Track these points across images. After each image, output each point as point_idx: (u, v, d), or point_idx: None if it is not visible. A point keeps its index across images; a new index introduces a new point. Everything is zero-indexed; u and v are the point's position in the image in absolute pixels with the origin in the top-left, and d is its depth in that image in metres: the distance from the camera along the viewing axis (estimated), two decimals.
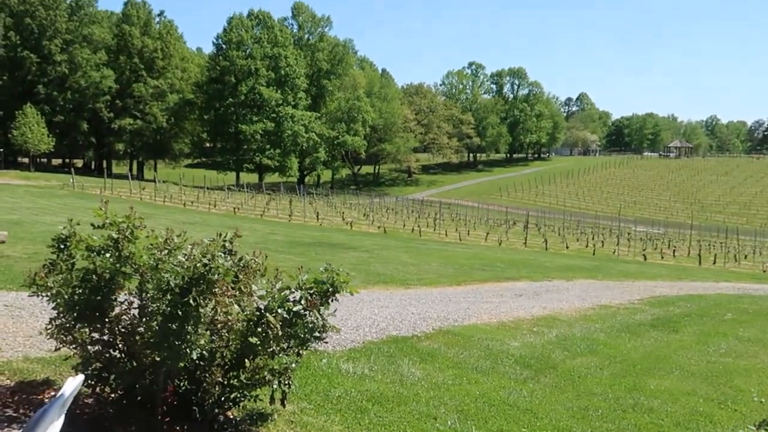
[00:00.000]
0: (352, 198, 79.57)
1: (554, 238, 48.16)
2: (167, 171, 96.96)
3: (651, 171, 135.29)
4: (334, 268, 4.05)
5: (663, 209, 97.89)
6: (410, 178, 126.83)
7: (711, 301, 16.95)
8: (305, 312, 3.85)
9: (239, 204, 50.13)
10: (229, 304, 3.85)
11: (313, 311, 3.87)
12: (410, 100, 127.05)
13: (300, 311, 3.84)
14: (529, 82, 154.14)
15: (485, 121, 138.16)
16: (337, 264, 14.49)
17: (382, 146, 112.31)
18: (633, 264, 32.62)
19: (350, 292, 4.07)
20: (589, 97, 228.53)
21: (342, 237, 31.84)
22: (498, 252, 32.23)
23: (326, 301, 3.98)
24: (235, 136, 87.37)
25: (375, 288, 14.31)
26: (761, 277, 31.03)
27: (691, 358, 9.89)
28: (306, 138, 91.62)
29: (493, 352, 8.61)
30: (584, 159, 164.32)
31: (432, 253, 26.26)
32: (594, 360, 9.01)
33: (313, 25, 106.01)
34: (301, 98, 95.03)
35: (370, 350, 7.83)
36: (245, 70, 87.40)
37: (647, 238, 55.72)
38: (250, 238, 25.27)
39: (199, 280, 3.67)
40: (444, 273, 18.76)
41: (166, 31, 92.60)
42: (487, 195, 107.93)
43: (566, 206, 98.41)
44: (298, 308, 3.84)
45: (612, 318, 12.97)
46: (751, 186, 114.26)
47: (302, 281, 4.03)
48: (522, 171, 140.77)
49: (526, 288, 16.84)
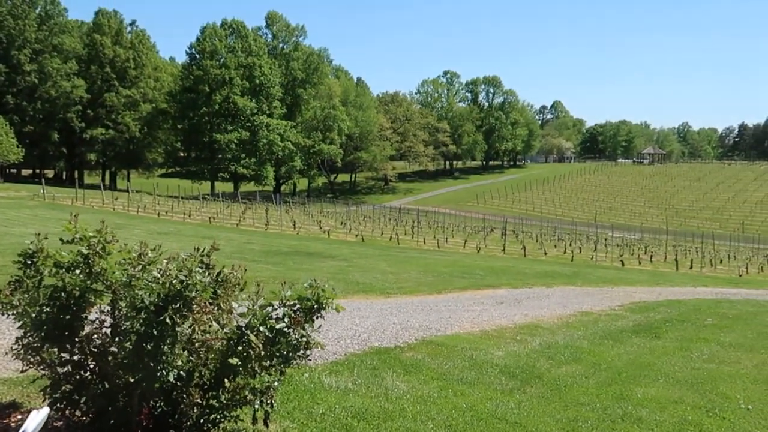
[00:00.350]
0: (329, 206, 79.28)
1: (532, 244, 48.27)
2: (141, 181, 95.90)
3: (625, 177, 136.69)
4: (319, 283, 3.85)
5: (638, 215, 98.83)
6: (387, 186, 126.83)
7: (691, 306, 16.95)
8: (289, 330, 3.64)
9: (215, 213, 49.61)
10: (207, 322, 3.64)
11: (298, 329, 3.65)
12: (386, 109, 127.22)
13: (283, 329, 3.62)
14: (503, 90, 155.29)
15: (461, 129, 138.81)
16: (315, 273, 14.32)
17: (359, 154, 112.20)
18: (611, 270, 32.72)
19: (336, 309, 3.86)
20: (563, 105, 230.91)
21: (320, 246, 31.57)
22: (477, 259, 32.15)
23: (311, 318, 3.77)
24: (210, 145, 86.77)
25: (355, 297, 14.11)
26: (738, 281, 31.27)
27: (675, 364, 9.80)
28: (282, 147, 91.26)
29: (477, 362, 8.44)
30: (559, 166, 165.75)
31: (411, 261, 26.10)
32: (579, 368, 8.88)
33: (287, 34, 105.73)
34: (276, 107, 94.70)
35: (353, 363, 7.62)
36: (219, 80, 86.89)
37: (624, 243, 56.10)
38: (226, 248, 24.92)
39: (176, 297, 3.45)
40: (424, 281, 18.59)
41: (138, 40, 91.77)
42: (464, 202, 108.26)
43: (543, 213, 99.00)
44: (281, 326, 3.62)
45: (594, 325, 12.88)
46: (724, 191, 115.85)
47: (285, 297, 3.81)
48: (498, 178, 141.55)
49: (506, 295, 16.72)
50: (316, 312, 3.78)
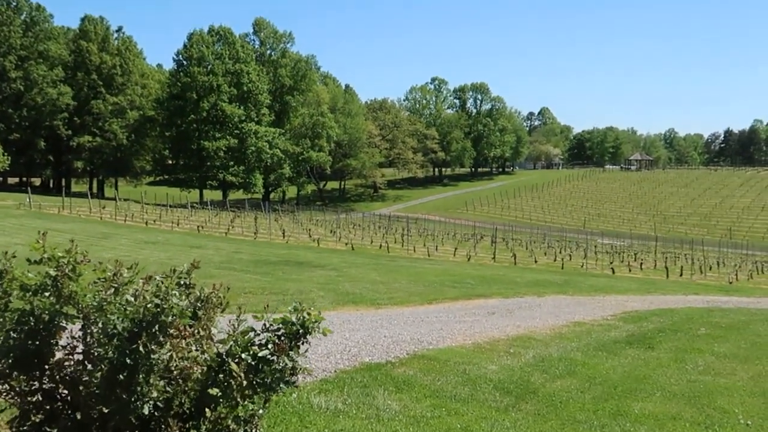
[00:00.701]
0: (318, 214, 78.99)
1: (522, 252, 48.16)
2: (128, 189, 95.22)
3: (613, 183, 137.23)
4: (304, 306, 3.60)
5: (626, 221, 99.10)
6: (376, 193, 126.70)
7: (683, 316, 16.79)
8: (273, 357, 3.39)
9: (203, 222, 49.23)
10: (186, 347, 3.38)
11: (282, 356, 3.40)
12: (374, 116, 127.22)
13: (267, 356, 3.37)
14: (491, 97, 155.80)
15: (449, 135, 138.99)
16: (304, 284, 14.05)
17: (348, 162, 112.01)
18: (602, 278, 32.62)
19: (323, 332, 3.61)
20: (550, 112, 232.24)
21: (309, 255, 31.30)
22: (467, 268, 31.97)
23: (296, 344, 3.51)
24: (198, 152, 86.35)
25: (344, 309, 13.88)
26: (728, 288, 31.23)
27: (670, 377, 9.61)
28: (270, 154, 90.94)
29: (470, 378, 8.21)
30: (548, 172, 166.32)
31: (401, 270, 25.89)
32: (574, 382, 8.67)
33: (275, 40, 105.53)
34: (265, 114, 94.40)
35: (342, 380, 7.37)
36: (207, 86, 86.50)
37: (613, 250, 56.13)
38: (215, 258, 24.64)
39: (151, 323, 3.21)
40: (414, 291, 18.38)
41: (125, 47, 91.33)
42: (454, 209, 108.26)
43: (532, 220, 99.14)
44: (264, 353, 3.36)
45: (587, 335, 12.69)
46: (711, 198, 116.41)
47: (269, 322, 3.56)
48: (487, 185, 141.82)
49: (498, 305, 16.52)
50: (302, 337, 3.53)
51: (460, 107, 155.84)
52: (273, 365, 3.38)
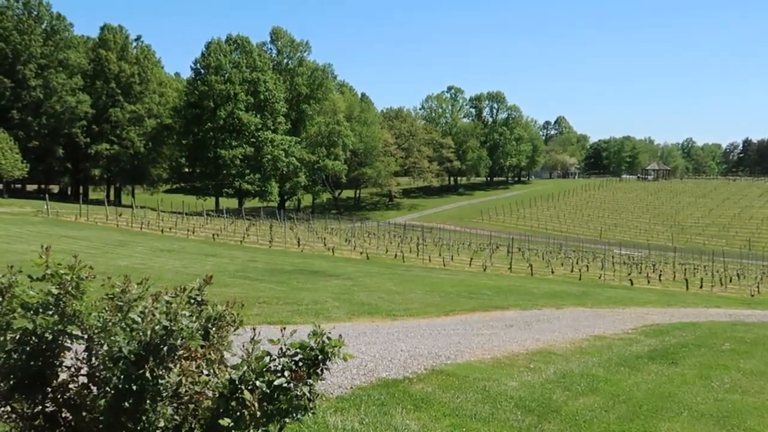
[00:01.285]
0: (333, 223, 78.91)
1: (539, 262, 47.72)
2: (145, 197, 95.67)
3: (630, 193, 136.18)
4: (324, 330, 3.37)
5: (644, 231, 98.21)
6: (391, 202, 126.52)
7: (706, 330, 16.43)
8: (289, 385, 3.15)
9: (218, 230, 49.24)
10: (196, 371, 3.18)
11: (300, 385, 3.17)
12: (390, 124, 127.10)
13: (283, 384, 3.14)
14: (507, 105, 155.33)
15: (465, 144, 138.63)
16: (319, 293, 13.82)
17: (363, 170, 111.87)
18: (620, 289, 32.17)
19: (344, 358, 3.39)
20: (567, 121, 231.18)
21: (324, 264, 31.13)
22: (483, 278, 31.65)
23: (315, 371, 3.28)
24: (214, 160, 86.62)
25: (360, 320, 13.65)
26: (750, 301, 30.69)
27: (696, 395, 9.30)
28: (286, 162, 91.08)
29: (491, 395, 7.96)
30: (564, 182, 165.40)
31: (416, 280, 25.65)
32: (597, 400, 8.39)
33: (291, 49, 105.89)
34: (281, 122, 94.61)
35: (359, 398, 7.14)
36: (224, 95, 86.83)
37: (631, 261, 55.52)
38: (230, 266, 24.54)
39: (159, 345, 3.00)
40: (430, 302, 18.13)
41: (144, 55, 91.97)
42: (469, 219, 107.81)
43: (548, 229, 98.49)
44: (280, 381, 3.13)
45: (608, 350, 12.39)
46: (729, 208, 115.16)
47: (285, 346, 3.32)
48: (503, 194, 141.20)
49: (515, 318, 16.23)
50: (321, 363, 3.30)
51: (476, 116, 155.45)
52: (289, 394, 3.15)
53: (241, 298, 14.44)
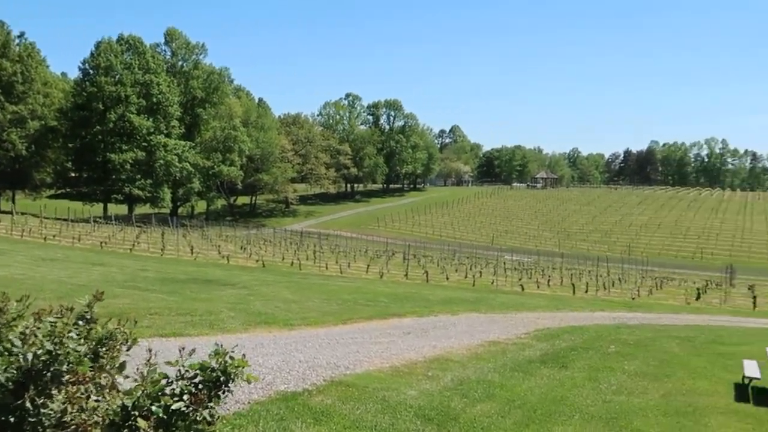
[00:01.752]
0: (229, 230, 77.39)
1: (434, 269, 48.49)
2: (27, 202, 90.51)
3: (520, 201, 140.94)
4: (226, 349, 3.21)
5: (533, 238, 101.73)
6: (288, 208, 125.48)
7: (593, 333, 17.14)
8: (188, 409, 2.96)
9: (107, 237, 47.18)
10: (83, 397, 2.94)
11: (200, 409, 2.98)
12: (288, 130, 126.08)
13: (182, 409, 2.94)
14: (404, 113, 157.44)
15: (362, 151, 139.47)
16: (214, 303, 13.41)
17: (259, 176, 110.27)
18: (512, 295, 33.15)
19: (248, 380, 3.24)
20: (461, 129, 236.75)
21: (218, 272, 30.40)
22: (380, 285, 31.82)
23: (216, 393, 3.10)
24: (103, 165, 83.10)
25: (257, 330, 13.37)
26: (632, 304, 32.30)
27: (586, 397, 9.66)
28: (179, 168, 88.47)
29: (390, 405, 7.95)
30: (458, 189, 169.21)
31: (314, 288, 25.47)
32: (493, 406, 8.55)
33: (187, 51, 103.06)
34: (175, 127, 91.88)
35: (257, 414, 6.94)
36: (114, 97, 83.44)
37: (522, 267, 57.36)
38: (118, 276, 23.51)
39: (42, 371, 2.77)
40: (328, 310, 18.03)
41: (27, 53, 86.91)
42: (366, 225, 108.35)
43: (442, 236, 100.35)
44: (179, 405, 2.93)
45: (502, 355, 12.70)
46: (611, 215, 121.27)
47: (184, 367, 3.13)
48: (399, 201, 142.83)
49: (413, 325, 16.37)
50: (223, 385, 3.13)
51: (373, 123, 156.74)
52: (188, 419, 2.97)
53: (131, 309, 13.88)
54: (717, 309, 34.22)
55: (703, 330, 19.54)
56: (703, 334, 18.21)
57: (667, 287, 47.59)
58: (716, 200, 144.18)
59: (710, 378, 11.66)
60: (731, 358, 13.63)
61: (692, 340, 16.57)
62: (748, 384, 11.00)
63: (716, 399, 10.06)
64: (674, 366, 12.72)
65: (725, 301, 39.22)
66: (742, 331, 19.87)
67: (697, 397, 10.13)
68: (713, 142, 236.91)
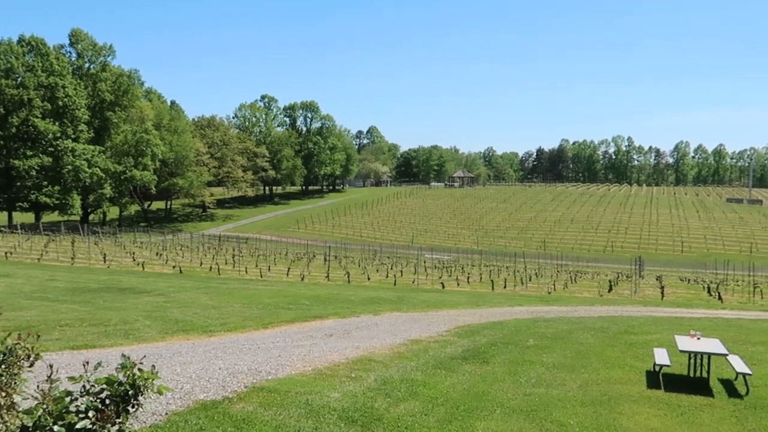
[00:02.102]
0: (143, 236, 75.26)
1: (355, 269, 48.50)
2: None
3: (439, 200, 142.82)
4: (134, 361, 3.05)
5: (452, 236, 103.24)
6: (205, 213, 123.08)
7: (512, 328, 17.44)
8: (95, 427, 2.79)
9: (12, 247, 45.01)
10: None
11: (107, 426, 2.81)
12: (202, 133, 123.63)
13: (87, 427, 2.76)
14: (321, 115, 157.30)
15: (280, 153, 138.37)
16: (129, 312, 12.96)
17: (174, 181, 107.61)
18: (433, 293, 33.45)
19: (159, 391, 3.09)
20: (378, 130, 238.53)
21: (133, 280, 29.45)
22: (301, 288, 31.56)
23: (126, 408, 2.94)
24: (7, 172, 79.31)
25: (174, 338, 13.00)
26: (548, 298, 33.12)
27: (507, 391, 9.81)
28: (89, 173, 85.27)
29: (314, 409, 7.85)
30: (377, 190, 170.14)
31: (233, 293, 25.02)
32: (417, 405, 8.57)
33: (94, 53, 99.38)
34: (83, 131, 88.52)
35: (175, 425, 6.71)
36: (16, 101, 79.72)
37: (442, 265, 58.10)
38: (25, 287, 22.47)
39: None
40: (249, 315, 17.72)
41: None
42: (285, 228, 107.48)
43: (363, 237, 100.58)
44: (84, 423, 2.75)
45: (425, 353, 12.76)
46: (526, 212, 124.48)
47: (90, 382, 2.95)
48: (318, 203, 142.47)
49: (335, 326, 16.29)
50: (133, 398, 2.96)
51: (290, 125, 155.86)
52: None
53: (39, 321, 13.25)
54: (628, 300, 35.48)
55: (616, 321, 20.19)
56: (615, 324, 18.81)
57: (581, 280, 49.12)
58: (624, 195, 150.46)
59: (624, 367, 12.04)
60: (643, 347, 14.14)
61: (606, 331, 17.09)
62: (659, 371, 11.45)
63: (630, 387, 10.40)
64: (590, 357, 13.07)
65: (635, 292, 40.74)
66: (652, 321, 20.64)
67: (612, 386, 10.44)
68: (620, 139, 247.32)
